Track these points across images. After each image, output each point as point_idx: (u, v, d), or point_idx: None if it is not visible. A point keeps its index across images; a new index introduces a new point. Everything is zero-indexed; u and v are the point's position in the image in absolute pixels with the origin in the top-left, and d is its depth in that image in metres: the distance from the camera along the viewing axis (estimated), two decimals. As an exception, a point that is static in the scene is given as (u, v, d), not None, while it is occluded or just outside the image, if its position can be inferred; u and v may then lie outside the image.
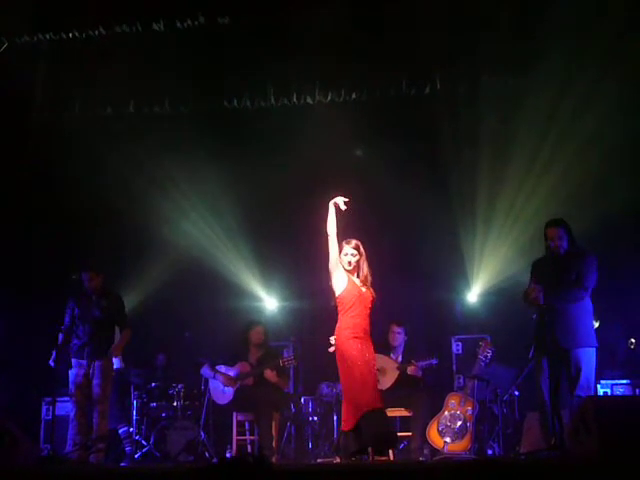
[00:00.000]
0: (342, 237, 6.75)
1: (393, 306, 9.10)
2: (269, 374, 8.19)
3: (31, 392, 8.95)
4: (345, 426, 6.48)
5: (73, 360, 7.70)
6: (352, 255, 6.66)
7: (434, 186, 9.19)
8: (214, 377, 8.32)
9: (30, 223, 9.45)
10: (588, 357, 6.43)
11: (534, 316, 7.05)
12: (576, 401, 6.27)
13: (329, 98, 8.72)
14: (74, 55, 8.42)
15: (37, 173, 9.31)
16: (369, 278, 6.73)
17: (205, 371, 8.41)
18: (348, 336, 6.53)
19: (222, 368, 8.34)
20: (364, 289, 6.68)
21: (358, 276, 6.71)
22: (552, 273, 6.50)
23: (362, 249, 6.72)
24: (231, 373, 8.28)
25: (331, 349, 6.70)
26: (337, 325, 6.64)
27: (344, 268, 6.65)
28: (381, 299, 7.26)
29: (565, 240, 6.57)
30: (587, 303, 6.58)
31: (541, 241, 6.77)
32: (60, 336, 7.73)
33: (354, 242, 6.70)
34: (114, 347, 7.74)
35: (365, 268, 6.71)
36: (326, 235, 6.65)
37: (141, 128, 9.06)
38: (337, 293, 6.65)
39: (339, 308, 6.67)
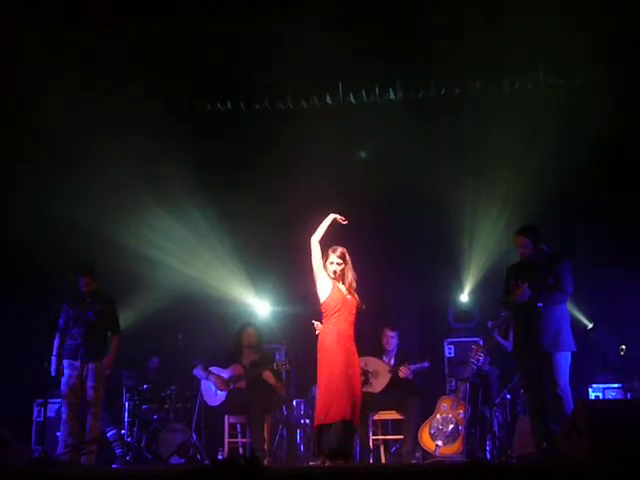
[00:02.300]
0: (337, 242, 6.78)
1: (386, 309, 9.12)
2: (268, 375, 8.22)
3: (22, 394, 8.91)
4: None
5: (65, 361, 7.67)
6: (337, 264, 6.67)
7: (429, 186, 9.20)
8: (207, 378, 8.32)
9: (24, 225, 9.40)
10: (566, 360, 6.56)
11: (490, 324, 7.58)
12: (560, 404, 6.34)
13: (322, 101, 8.72)
14: (71, 54, 8.38)
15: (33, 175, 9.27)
16: (354, 285, 6.74)
17: (198, 372, 8.41)
18: (331, 342, 6.56)
19: (215, 370, 8.34)
20: (349, 296, 6.70)
21: (343, 283, 6.71)
22: (528, 278, 6.58)
23: (347, 257, 6.71)
24: (224, 375, 8.28)
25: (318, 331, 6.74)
26: (321, 330, 6.68)
27: (329, 276, 6.67)
28: (374, 302, 7.29)
29: (528, 248, 6.71)
30: (565, 307, 6.73)
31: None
32: (56, 341, 7.71)
33: (339, 250, 6.70)
34: (106, 362, 7.73)
35: (350, 276, 6.71)
36: (309, 241, 6.66)
37: (130, 130, 9.01)
38: (321, 299, 6.68)
39: (323, 314, 6.71)
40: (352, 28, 8.04)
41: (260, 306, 10.05)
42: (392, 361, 8.22)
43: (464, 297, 9.67)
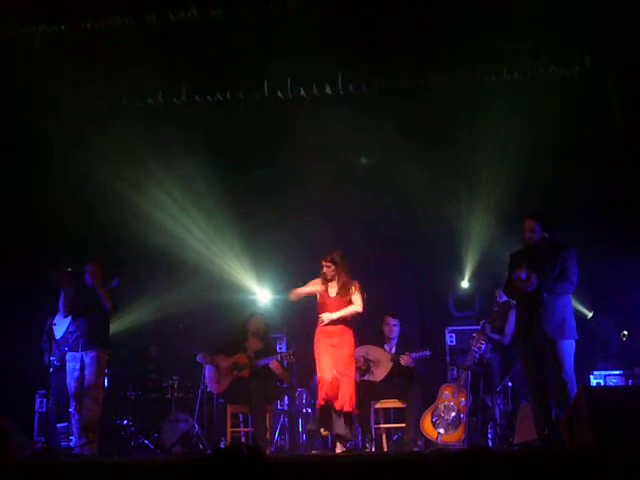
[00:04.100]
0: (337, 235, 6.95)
1: (386, 298, 9.12)
2: (275, 365, 8.24)
3: (23, 385, 8.92)
4: None
5: (68, 354, 7.64)
6: (327, 267, 7.43)
7: (428, 178, 9.19)
8: (211, 363, 8.32)
9: (21, 218, 9.39)
10: (571, 348, 6.51)
11: (480, 326, 7.92)
12: (565, 392, 6.31)
13: (323, 91, 8.71)
14: (66, 47, 8.37)
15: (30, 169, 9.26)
16: (350, 284, 7.42)
17: (201, 359, 8.40)
18: (315, 337, 7.42)
19: (221, 357, 8.35)
20: (333, 295, 7.42)
21: (340, 284, 7.41)
22: (534, 265, 6.53)
23: (337, 258, 7.41)
24: (229, 362, 8.28)
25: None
26: None
27: (325, 279, 7.44)
28: (374, 291, 7.36)
29: (537, 233, 6.61)
30: (569, 297, 6.67)
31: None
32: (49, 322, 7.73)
33: (328, 257, 7.43)
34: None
35: (343, 275, 7.42)
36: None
37: (130, 122, 9.00)
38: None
39: None
40: (347, 17, 8.04)
41: (261, 294, 10.08)
42: (393, 349, 8.23)
43: (464, 284, 9.69)
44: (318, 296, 7.49)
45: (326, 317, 7.34)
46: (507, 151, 8.77)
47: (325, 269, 7.41)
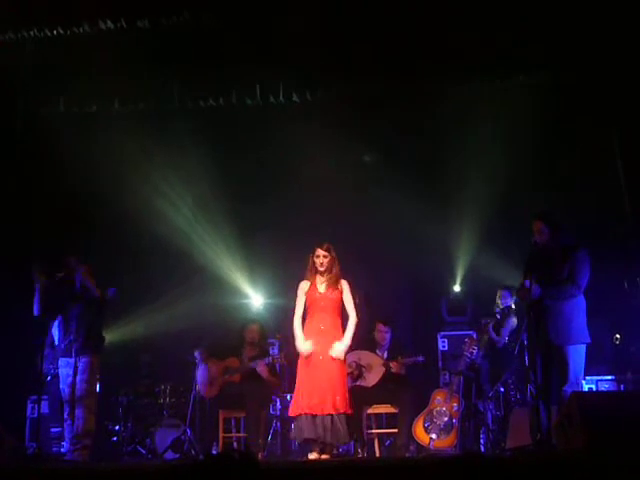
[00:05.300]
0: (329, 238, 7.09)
1: (380, 302, 9.12)
2: (262, 369, 8.15)
3: (15, 390, 8.87)
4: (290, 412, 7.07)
5: (61, 360, 7.59)
6: (323, 257, 7.08)
7: (419, 184, 9.21)
8: (205, 362, 8.30)
9: (14, 222, 9.36)
10: (579, 353, 6.40)
11: (484, 322, 7.90)
12: (563, 397, 6.28)
13: (315, 96, 8.72)
14: (58, 52, 8.37)
15: (22, 171, 9.24)
16: (339, 278, 7.10)
17: (199, 355, 8.38)
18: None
19: (212, 361, 8.33)
20: (322, 290, 7.08)
21: (330, 277, 7.07)
22: (543, 268, 6.44)
23: (333, 252, 7.11)
24: (221, 365, 8.27)
25: None
26: None
27: (317, 270, 7.09)
28: (366, 296, 7.33)
29: (546, 235, 6.49)
30: (580, 299, 6.50)
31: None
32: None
33: (325, 245, 7.12)
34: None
35: (335, 270, 7.10)
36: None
37: (126, 126, 9.00)
38: None
39: None
40: (338, 23, 8.06)
41: (254, 299, 10.08)
42: (385, 354, 8.23)
43: (457, 289, 9.70)
44: (306, 294, 7.13)
45: (336, 352, 6.91)
46: (502, 151, 8.81)
47: (321, 259, 7.05)
